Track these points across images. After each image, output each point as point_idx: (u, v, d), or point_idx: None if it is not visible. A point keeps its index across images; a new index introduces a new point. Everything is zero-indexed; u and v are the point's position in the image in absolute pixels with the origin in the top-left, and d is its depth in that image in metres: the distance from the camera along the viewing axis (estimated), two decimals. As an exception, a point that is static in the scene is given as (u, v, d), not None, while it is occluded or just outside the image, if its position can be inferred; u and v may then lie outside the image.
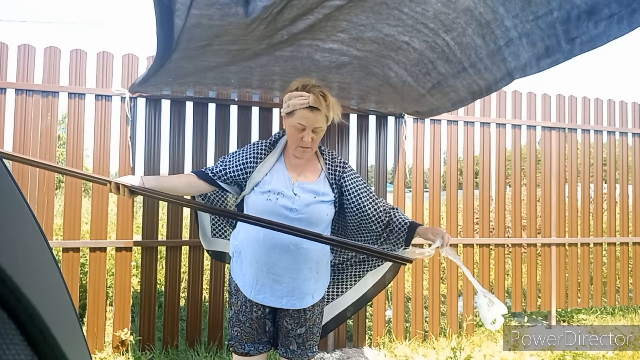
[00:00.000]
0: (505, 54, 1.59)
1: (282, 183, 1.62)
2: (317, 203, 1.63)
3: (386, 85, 2.30)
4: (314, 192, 1.64)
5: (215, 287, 3.00)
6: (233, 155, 1.70)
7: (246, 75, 2.27)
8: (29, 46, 2.74)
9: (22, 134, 2.71)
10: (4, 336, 0.25)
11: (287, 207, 1.58)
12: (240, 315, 1.68)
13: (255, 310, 1.66)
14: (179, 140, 2.95)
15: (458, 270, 3.48)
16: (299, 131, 1.57)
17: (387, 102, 2.86)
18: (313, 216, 1.62)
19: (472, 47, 1.64)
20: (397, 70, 2.05)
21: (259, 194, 1.61)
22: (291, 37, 1.63)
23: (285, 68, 2.07)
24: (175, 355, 2.84)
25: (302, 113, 1.54)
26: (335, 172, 1.72)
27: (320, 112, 1.54)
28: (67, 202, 2.78)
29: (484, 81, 1.85)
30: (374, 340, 3.26)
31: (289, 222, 1.54)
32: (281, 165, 1.67)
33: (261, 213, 1.56)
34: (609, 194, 3.98)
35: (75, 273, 2.79)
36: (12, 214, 0.28)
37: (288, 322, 1.69)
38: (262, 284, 1.62)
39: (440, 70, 1.91)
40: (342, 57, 1.92)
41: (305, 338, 1.71)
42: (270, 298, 1.63)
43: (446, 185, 3.54)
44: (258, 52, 1.78)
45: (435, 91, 2.14)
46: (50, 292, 0.31)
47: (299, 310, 1.68)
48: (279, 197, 1.58)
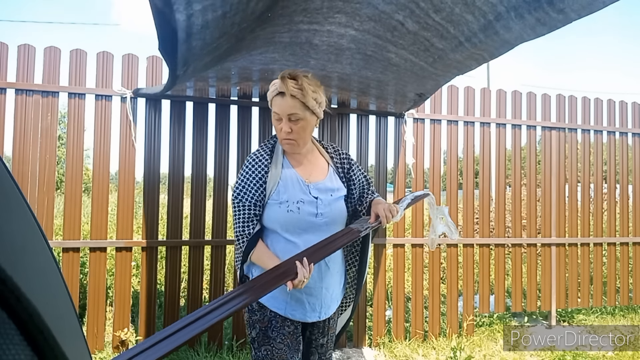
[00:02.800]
0: (497, 27, 1.58)
1: (299, 189, 1.50)
2: (335, 201, 1.56)
3: (387, 70, 2.28)
4: (329, 189, 1.56)
5: (215, 287, 3.00)
6: (245, 183, 1.49)
7: (246, 64, 2.25)
8: (29, 46, 2.74)
9: (22, 134, 2.71)
10: (4, 336, 0.25)
11: (312, 214, 1.49)
12: (269, 331, 1.48)
13: (288, 325, 1.50)
14: (179, 140, 2.95)
15: (458, 270, 3.48)
16: (278, 123, 1.48)
17: (387, 96, 2.84)
18: (336, 215, 1.55)
19: (464, 22, 1.63)
20: (396, 51, 2.04)
21: (275, 206, 1.47)
22: (289, 21, 1.62)
23: (285, 54, 2.07)
24: (175, 355, 2.84)
25: (275, 101, 1.46)
26: (343, 166, 1.66)
27: (293, 98, 1.41)
28: (67, 202, 2.78)
29: (484, 51, 1.84)
30: (374, 340, 3.26)
31: (316, 228, 1.48)
32: (289, 169, 1.54)
33: (284, 225, 1.47)
34: (609, 194, 3.98)
35: (75, 273, 2.78)
36: (12, 214, 0.28)
37: (312, 333, 1.61)
38: (297, 300, 1.50)
39: (438, 47, 1.90)
40: (341, 40, 1.90)
41: (327, 347, 1.65)
42: (310, 313, 1.52)
43: (446, 185, 3.54)
44: (257, 36, 1.77)
45: (438, 64, 2.13)
46: (50, 292, 0.31)
47: (325, 319, 1.59)
48: (300, 206, 1.47)
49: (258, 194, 1.48)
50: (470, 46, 1.80)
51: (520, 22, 1.49)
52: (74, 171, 2.80)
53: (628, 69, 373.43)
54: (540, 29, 1.49)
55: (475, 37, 1.71)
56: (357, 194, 1.70)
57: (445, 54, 1.97)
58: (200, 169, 2.99)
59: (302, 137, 1.50)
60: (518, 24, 1.50)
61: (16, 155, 2.71)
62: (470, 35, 1.71)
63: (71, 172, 2.79)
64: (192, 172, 2.97)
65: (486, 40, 1.71)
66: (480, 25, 1.61)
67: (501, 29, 1.58)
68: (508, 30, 1.56)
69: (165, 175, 3.04)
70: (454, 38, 1.77)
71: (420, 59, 2.10)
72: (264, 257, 1.46)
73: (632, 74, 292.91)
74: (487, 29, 1.62)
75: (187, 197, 3.02)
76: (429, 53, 2.00)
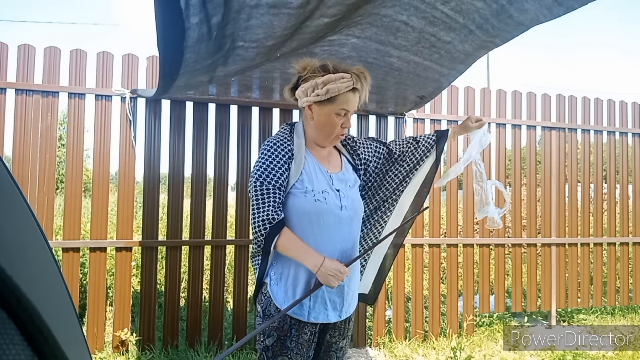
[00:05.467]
0: (511, 10, 1.53)
1: (323, 179, 1.44)
2: (354, 192, 1.52)
3: (389, 75, 2.27)
4: (347, 180, 1.51)
5: (215, 287, 3.00)
6: (268, 167, 1.38)
7: (247, 71, 2.26)
8: (29, 46, 2.74)
9: (22, 134, 2.71)
10: (4, 336, 0.25)
11: (337, 206, 1.42)
12: (287, 341, 1.40)
13: (306, 332, 1.42)
14: (179, 140, 2.95)
15: (458, 270, 3.48)
16: (339, 118, 1.41)
17: (388, 99, 2.84)
18: (358, 207, 1.52)
19: (474, 10, 1.59)
20: (399, 54, 2.02)
21: (300, 195, 1.38)
22: (291, 37, 1.63)
23: (285, 63, 2.07)
24: (175, 355, 2.84)
25: (346, 97, 1.38)
26: (354, 150, 1.63)
27: (361, 94, 1.42)
28: (67, 202, 2.78)
29: (496, 37, 1.81)
30: (374, 340, 3.26)
31: (340, 221, 1.42)
32: (311, 158, 1.46)
33: (311, 214, 1.38)
34: (609, 194, 3.98)
35: (75, 273, 2.78)
36: (12, 214, 0.28)
37: (332, 335, 1.52)
38: (320, 301, 1.42)
39: (445, 39, 1.86)
40: (342, 49, 1.89)
41: (344, 351, 1.57)
42: (332, 313, 1.45)
43: (446, 185, 3.54)
44: (259, 52, 1.78)
45: (444, 60, 2.10)
46: (50, 292, 0.31)
47: (345, 320, 1.52)
48: (325, 196, 1.40)
49: (283, 179, 1.37)
50: (481, 33, 1.76)
51: (536, 3, 1.45)
52: (74, 171, 2.80)
53: (628, 68, 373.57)
54: (556, 9, 1.44)
55: (488, 24, 1.66)
56: (374, 166, 1.68)
57: (453, 47, 1.93)
58: (200, 169, 2.99)
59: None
60: (534, 5, 1.46)
61: (16, 155, 2.71)
62: (482, 22, 1.66)
63: (71, 172, 2.79)
64: (192, 172, 2.97)
65: (499, 25, 1.66)
66: (492, 10, 1.56)
67: (515, 12, 1.53)
68: (523, 12, 1.52)
69: (165, 175, 3.04)
70: (464, 27, 1.73)
71: (425, 57, 2.06)
72: (292, 243, 1.33)
73: (633, 74, 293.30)
74: (499, 13, 1.57)
75: (187, 197, 3.02)
76: (434, 49, 1.97)
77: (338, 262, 1.34)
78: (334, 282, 1.30)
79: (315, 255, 1.32)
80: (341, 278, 1.31)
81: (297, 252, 1.34)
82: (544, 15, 1.49)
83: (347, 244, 1.46)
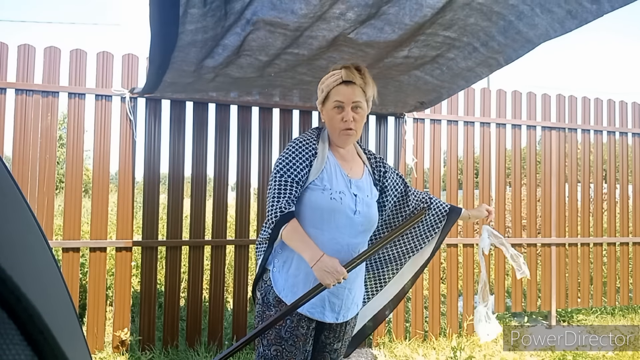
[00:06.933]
0: (519, 26, 1.50)
1: (342, 181, 1.47)
2: (371, 203, 1.52)
3: (389, 85, 2.28)
4: (366, 189, 1.52)
5: (215, 287, 3.00)
6: (291, 161, 1.42)
7: (246, 80, 2.27)
8: (29, 46, 2.74)
9: (22, 134, 2.70)
10: (4, 336, 0.25)
11: (351, 210, 1.43)
12: (282, 331, 1.42)
13: (302, 326, 1.44)
14: (179, 140, 2.95)
15: (458, 271, 3.48)
16: (338, 112, 1.43)
17: (388, 103, 2.84)
18: (372, 217, 1.51)
19: (480, 29, 1.56)
20: (399, 70, 2.04)
21: (317, 191, 1.42)
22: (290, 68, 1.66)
23: (285, 77, 2.09)
24: (175, 355, 2.84)
25: (337, 90, 1.42)
26: (379, 170, 1.63)
27: (356, 86, 1.42)
28: (67, 202, 2.78)
29: (501, 54, 1.76)
30: (374, 340, 3.26)
31: (351, 225, 1.43)
32: (333, 159, 1.50)
33: (324, 211, 1.41)
34: (609, 194, 3.98)
35: (75, 273, 2.78)
36: (12, 214, 0.28)
37: (327, 337, 1.54)
38: (320, 299, 1.43)
39: (449, 56, 1.84)
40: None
41: (339, 353, 1.59)
42: (329, 313, 1.46)
43: (446, 185, 3.54)
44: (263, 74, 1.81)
45: (445, 76, 2.08)
46: (50, 292, 0.31)
47: (342, 323, 1.53)
48: (342, 197, 1.42)
49: (302, 175, 1.42)
50: (485, 50, 1.72)
51: (547, 17, 1.40)
52: (74, 171, 2.80)
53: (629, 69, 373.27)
54: (569, 23, 1.39)
55: (494, 41, 1.62)
56: (393, 200, 1.67)
57: (455, 63, 1.90)
58: (200, 169, 2.99)
59: (360, 127, 1.49)
60: (545, 19, 1.41)
61: (16, 155, 2.71)
62: (488, 40, 1.62)
63: (71, 172, 2.79)
64: (192, 172, 2.97)
65: (506, 42, 1.61)
66: (499, 27, 1.53)
67: (524, 27, 1.49)
68: (533, 27, 1.48)
69: (165, 175, 3.04)
70: (467, 45, 1.70)
71: (426, 72, 2.05)
72: (296, 233, 1.36)
73: (633, 73, 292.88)
74: (507, 30, 1.54)
75: (187, 197, 3.02)
76: (436, 65, 1.95)
77: (337, 261, 1.33)
78: (329, 279, 1.29)
79: (315, 249, 1.33)
80: (337, 278, 1.30)
81: (298, 242, 1.36)
82: (555, 30, 1.45)
83: (353, 249, 1.45)
